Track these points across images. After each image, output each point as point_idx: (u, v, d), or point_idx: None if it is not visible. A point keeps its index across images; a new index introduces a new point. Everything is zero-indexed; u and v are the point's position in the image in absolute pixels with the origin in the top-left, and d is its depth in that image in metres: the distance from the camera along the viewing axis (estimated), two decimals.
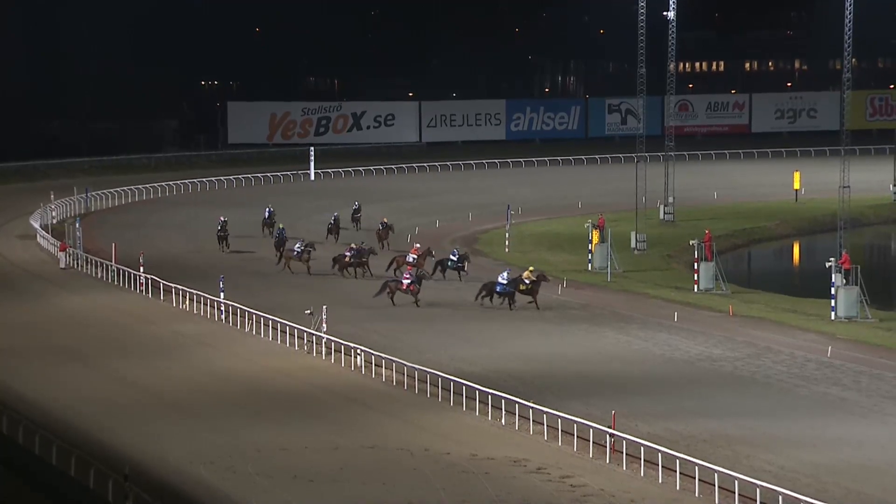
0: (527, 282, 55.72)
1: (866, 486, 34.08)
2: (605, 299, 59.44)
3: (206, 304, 57.13)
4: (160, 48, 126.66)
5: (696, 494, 33.65)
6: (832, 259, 56.54)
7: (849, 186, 64.33)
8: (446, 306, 58.14)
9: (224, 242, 72.21)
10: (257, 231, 78.14)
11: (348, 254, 64.15)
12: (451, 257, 64.19)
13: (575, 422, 38.34)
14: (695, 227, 77.71)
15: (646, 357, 48.96)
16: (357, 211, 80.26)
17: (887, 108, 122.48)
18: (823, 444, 37.81)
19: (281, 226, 70.77)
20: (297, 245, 65.46)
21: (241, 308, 54.57)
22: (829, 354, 48.73)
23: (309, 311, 51.61)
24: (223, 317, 55.63)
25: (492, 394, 41.22)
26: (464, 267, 63.63)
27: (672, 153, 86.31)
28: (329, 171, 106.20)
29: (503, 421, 40.61)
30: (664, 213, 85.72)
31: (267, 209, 78.23)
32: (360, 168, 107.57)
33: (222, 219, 73.28)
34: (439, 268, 63.79)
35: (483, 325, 54.72)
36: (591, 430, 37.57)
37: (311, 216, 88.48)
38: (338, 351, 48.89)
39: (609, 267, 66.68)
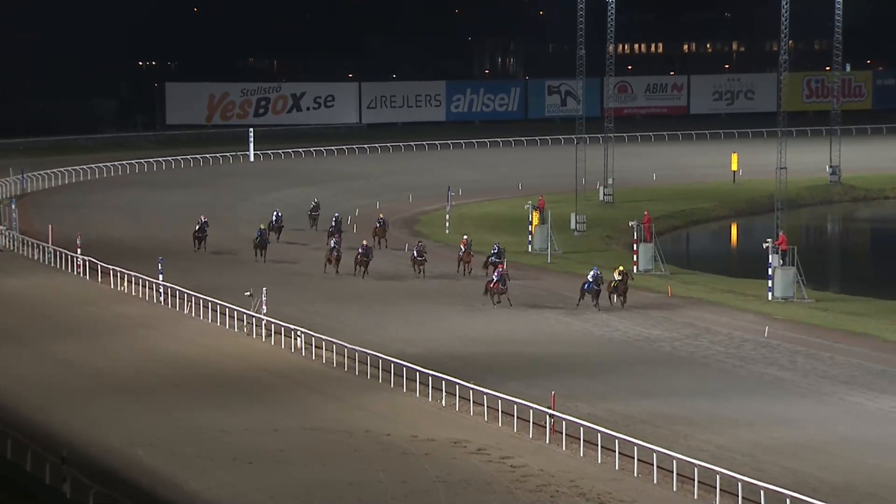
0: (617, 277, 52.75)
1: (802, 464, 34.43)
2: (546, 280, 59.62)
3: (145, 286, 56.83)
4: (97, 27, 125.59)
5: (635, 474, 33.89)
6: (769, 240, 57.00)
7: (786, 168, 64.80)
8: (389, 287, 58.12)
9: (202, 243, 66.90)
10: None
11: (360, 251, 60.24)
12: (492, 252, 59.94)
13: (515, 403, 38.48)
14: (634, 208, 78.08)
15: (586, 338, 49.18)
16: (315, 208, 75.33)
17: (823, 89, 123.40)
18: (760, 424, 38.16)
19: (262, 226, 66.09)
20: (333, 241, 61.50)
21: (180, 290, 54.33)
22: (766, 335, 49.16)
23: (249, 293, 51.46)
24: (163, 299, 55.36)
25: (432, 375, 41.28)
26: (500, 262, 58.39)
27: (611, 135, 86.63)
28: (269, 152, 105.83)
29: (444, 402, 40.70)
30: (603, 194, 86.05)
31: (274, 213, 71.34)
32: (300, 149, 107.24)
33: (203, 219, 67.80)
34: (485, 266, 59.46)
35: (424, 306, 54.77)
36: (531, 411, 37.72)
37: (252, 198, 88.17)
38: (278, 333, 48.79)
39: (549, 248, 66.90)
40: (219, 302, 51.97)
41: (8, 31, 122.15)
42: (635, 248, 63.59)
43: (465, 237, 62.44)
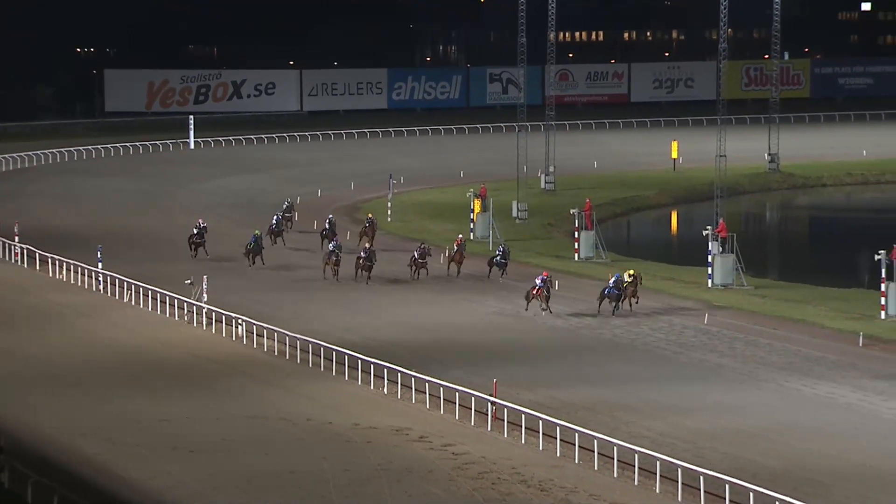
0: (628, 279, 50.90)
1: (742, 450, 34.70)
2: (487, 268, 59.67)
3: (84, 275, 56.43)
4: (34, 13, 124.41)
5: (576, 461, 34.03)
6: (709, 227, 57.35)
7: (725, 156, 65.16)
8: (330, 278, 57.94)
9: (200, 249, 61.35)
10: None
11: (362, 254, 56.59)
12: (497, 252, 57.97)
13: (457, 390, 38.54)
14: (575, 196, 78.28)
15: (527, 325, 49.30)
16: (288, 210, 70.01)
17: (762, 77, 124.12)
18: (701, 410, 38.42)
19: (257, 232, 60.92)
20: (331, 245, 57.74)
21: (120, 278, 53.99)
22: (706, 321, 49.46)
23: (189, 281, 51.23)
24: (102, 287, 55.00)
25: (374, 363, 41.27)
26: (507, 264, 57.13)
27: (552, 122, 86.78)
28: (209, 139, 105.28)
29: (385, 390, 40.70)
30: (545, 182, 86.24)
31: (275, 216, 66.54)
32: (241, 137, 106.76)
33: (201, 223, 62.30)
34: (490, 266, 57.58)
35: (366, 294, 54.72)
36: (472, 399, 37.80)
37: (192, 185, 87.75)
38: (219, 321, 48.59)
39: (491, 236, 67.01)
40: (159, 290, 51.69)
41: None
42: (577, 235, 63.82)
43: (461, 236, 59.63)
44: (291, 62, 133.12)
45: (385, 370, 40.90)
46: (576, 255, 62.94)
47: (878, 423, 37.28)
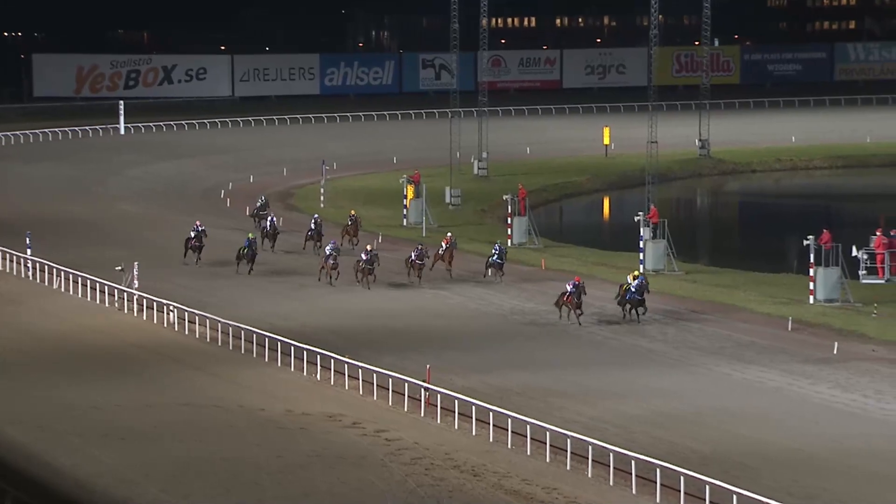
0: (632, 281, 47.70)
1: (673, 434, 34.94)
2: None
3: (12, 261, 55.90)
4: None
5: (509, 446, 34.15)
6: (640, 213, 57.67)
7: (656, 141, 65.57)
8: (263, 263, 57.73)
9: (197, 253, 56.79)
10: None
11: (364, 257, 52.38)
12: (494, 252, 54.21)
13: (390, 376, 38.56)
14: (508, 181, 78.45)
15: (461, 311, 49.34)
16: (263, 207, 66.47)
17: (693, 64, 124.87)
18: (632, 395, 38.65)
19: (251, 235, 56.49)
20: (329, 248, 53.17)
21: (49, 265, 53.53)
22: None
23: (120, 268, 50.88)
24: (31, 274, 54.50)
25: (307, 349, 41.20)
26: (503, 265, 53.89)
27: (485, 108, 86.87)
28: (140, 125, 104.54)
29: (318, 376, 40.65)
30: (478, 168, 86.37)
31: (269, 218, 61.93)
32: (172, 122, 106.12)
33: (199, 225, 57.45)
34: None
35: (298, 280, 54.57)
36: (405, 385, 37.83)
37: (123, 171, 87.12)
38: (150, 307, 48.31)
39: (424, 222, 67.04)
40: (89, 277, 51.31)
41: None
42: (509, 221, 63.98)
43: (449, 234, 55.96)
44: (223, 47, 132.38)
45: (318, 356, 40.85)
46: (509, 240, 63.07)
47: (807, 407, 37.66)
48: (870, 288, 47.93)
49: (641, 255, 56.90)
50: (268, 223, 60.67)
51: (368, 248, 52.66)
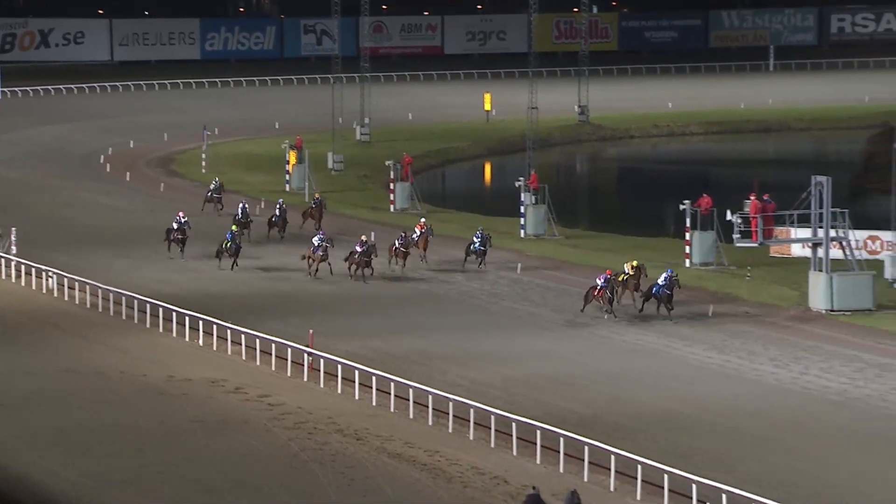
0: (629, 271, 44.79)
1: (553, 396, 35.51)
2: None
3: None
4: None
5: (392, 409, 34.47)
6: (521, 178, 58.22)
7: (536, 108, 66.10)
8: (142, 230, 57.39)
9: (181, 246, 52.15)
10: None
11: (359, 249, 48.72)
12: (475, 238, 50.86)
13: (273, 341, 38.67)
14: (390, 147, 78.63)
15: (343, 276, 49.44)
16: (217, 190, 62.14)
17: (572, 30, 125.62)
18: (513, 358, 39.17)
19: (234, 228, 51.65)
20: (316, 239, 49.52)
21: None
22: (518, 271, 50.26)
23: None
24: None
25: (189, 314, 41.14)
26: (486, 252, 50.54)
27: (367, 74, 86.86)
28: (17, 89, 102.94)
29: (201, 342, 40.63)
30: (360, 133, 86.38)
31: (240, 205, 56.59)
32: (50, 87, 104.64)
33: (182, 216, 52.64)
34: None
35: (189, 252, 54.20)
36: (289, 350, 37.98)
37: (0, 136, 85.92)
38: (28, 273, 47.86)
39: (307, 187, 67.01)
40: None
41: None
42: (392, 187, 64.22)
43: (423, 220, 52.93)
44: (101, 11, 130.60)
45: (200, 322, 40.81)
46: (391, 206, 63.32)
47: (684, 369, 38.45)
48: (744, 251, 48.86)
49: (522, 220, 57.48)
50: (239, 211, 55.37)
51: (364, 238, 49.03)
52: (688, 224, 50.93)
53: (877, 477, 30.17)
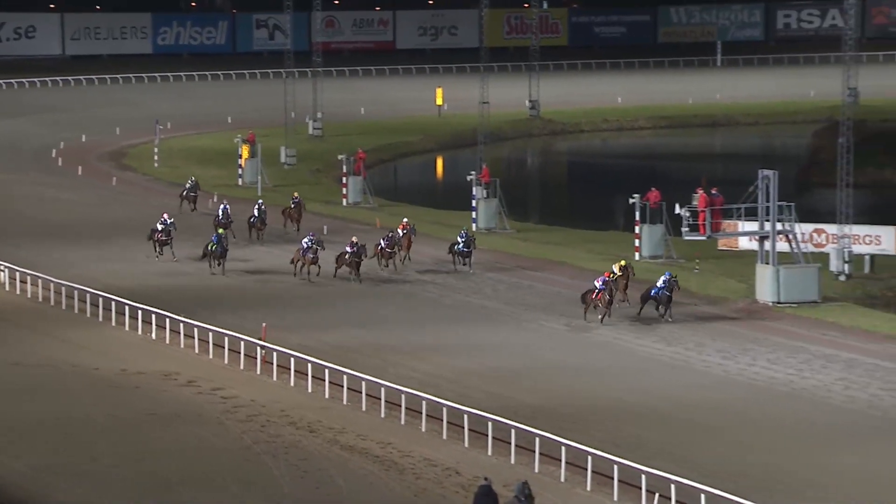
0: (617, 272, 43.28)
1: (505, 388, 35.81)
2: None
3: None
4: None
5: (345, 402, 34.68)
6: (473, 173, 58.54)
7: (488, 102, 66.36)
8: (94, 224, 57.33)
9: (163, 247, 50.84)
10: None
11: (349, 250, 47.73)
12: (459, 239, 49.62)
13: (226, 334, 38.79)
14: (343, 142, 78.73)
15: (290, 272, 49.41)
16: (193, 189, 60.77)
17: (523, 26, 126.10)
18: (465, 351, 39.45)
19: (221, 231, 50.31)
20: (306, 241, 48.34)
21: None
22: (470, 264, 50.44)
23: None
24: None
25: (142, 308, 41.20)
26: (471, 253, 49.28)
27: (320, 69, 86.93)
28: None
29: (154, 335, 40.70)
30: (313, 128, 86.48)
31: (222, 206, 55.41)
32: (1, 81, 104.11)
33: (167, 217, 51.23)
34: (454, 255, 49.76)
35: (135, 241, 54.19)
36: (242, 343, 38.11)
37: None
38: None
39: (259, 181, 67.10)
40: None
41: None
42: (344, 181, 64.43)
43: (406, 220, 51.18)
44: (52, 5, 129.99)
45: (153, 315, 40.88)
46: (343, 200, 63.50)
47: (633, 361, 38.83)
48: (692, 244, 49.32)
49: (474, 213, 57.81)
50: (220, 212, 54.15)
51: (354, 239, 48.00)
52: (637, 218, 51.38)
53: (822, 466, 30.65)
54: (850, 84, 53.14)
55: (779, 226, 45.30)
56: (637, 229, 51.61)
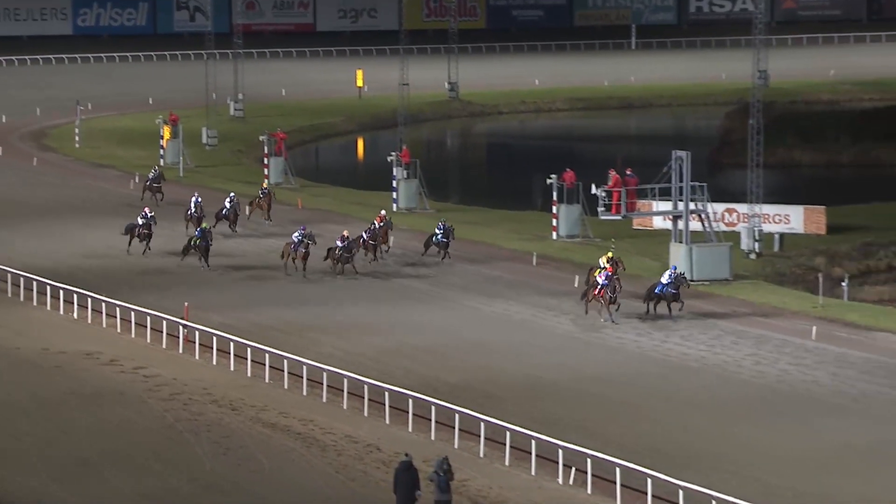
0: (605, 264, 41.63)
1: (424, 366, 36.37)
2: (177, 194, 59.62)
3: None
4: None
5: (266, 380, 35.08)
6: (393, 153, 59.02)
7: (408, 84, 66.71)
8: (16, 205, 57.12)
9: (146, 241, 49.30)
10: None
11: (339, 244, 46.82)
12: (437, 231, 48.99)
13: (148, 314, 39.03)
14: (264, 123, 78.71)
15: (218, 250, 49.61)
16: (157, 179, 59.64)
17: (441, 9, 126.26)
18: (387, 329, 39.96)
19: (205, 225, 48.59)
20: (296, 235, 47.12)
21: None
22: (391, 244, 50.97)
23: None
24: None
25: (63, 288, 41.31)
26: (448, 244, 48.62)
27: (240, 51, 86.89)
28: None
29: (75, 315, 40.84)
30: (234, 109, 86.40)
31: (193, 198, 52.88)
32: None
33: (148, 212, 50.05)
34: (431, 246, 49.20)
35: (57, 221, 54.18)
36: (164, 322, 38.38)
37: None
38: None
39: (181, 162, 67.16)
40: None
41: None
42: (266, 161, 64.65)
43: (383, 212, 50.33)
44: None
45: (75, 295, 41.02)
46: (265, 180, 63.70)
47: (550, 338, 39.50)
48: (608, 224, 50.02)
49: (394, 194, 58.32)
50: (192, 205, 52.17)
51: (345, 234, 47.24)
52: (554, 198, 52.08)
53: (734, 439, 31.45)
54: (760, 67, 54.17)
55: (692, 205, 46.16)
56: (554, 209, 52.32)
